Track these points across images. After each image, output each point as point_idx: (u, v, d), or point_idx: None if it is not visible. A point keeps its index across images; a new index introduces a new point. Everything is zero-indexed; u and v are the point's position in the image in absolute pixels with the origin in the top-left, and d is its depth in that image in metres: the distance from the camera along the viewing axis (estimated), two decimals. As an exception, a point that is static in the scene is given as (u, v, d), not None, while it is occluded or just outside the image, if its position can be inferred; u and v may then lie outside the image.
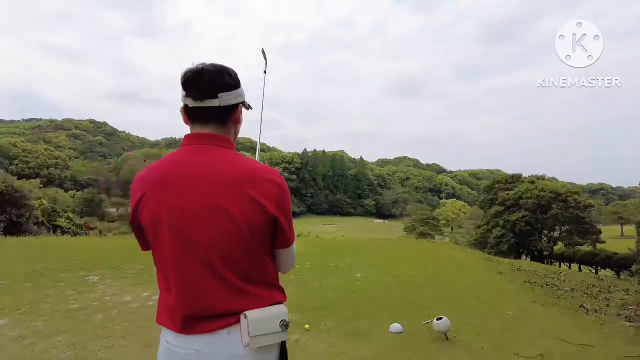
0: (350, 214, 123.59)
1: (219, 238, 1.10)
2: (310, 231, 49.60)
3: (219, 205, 1.10)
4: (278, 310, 1.18)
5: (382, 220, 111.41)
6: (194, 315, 1.13)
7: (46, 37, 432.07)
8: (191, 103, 1.20)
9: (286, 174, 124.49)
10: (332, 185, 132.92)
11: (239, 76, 1.27)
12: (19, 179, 24.14)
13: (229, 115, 1.25)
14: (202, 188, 1.12)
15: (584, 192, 39.67)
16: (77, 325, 4.54)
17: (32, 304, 5.31)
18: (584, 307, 6.12)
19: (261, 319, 1.12)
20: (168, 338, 1.18)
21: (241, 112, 1.31)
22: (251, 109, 1.37)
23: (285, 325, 1.16)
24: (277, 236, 1.22)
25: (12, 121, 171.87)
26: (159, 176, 1.17)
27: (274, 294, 1.22)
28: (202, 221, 1.10)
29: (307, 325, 4.52)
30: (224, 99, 1.20)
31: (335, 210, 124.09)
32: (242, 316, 1.12)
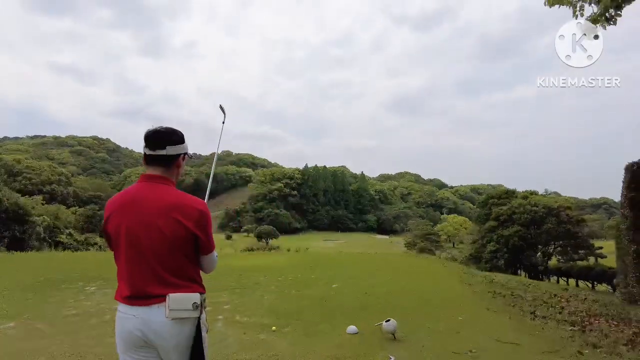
0: (351, 230, 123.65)
1: (155, 246, 1.78)
2: (310, 247, 49.91)
3: (157, 224, 1.78)
4: (192, 296, 1.82)
5: (385, 236, 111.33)
6: (136, 295, 1.79)
7: (53, 56, 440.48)
8: (147, 152, 1.89)
9: (287, 190, 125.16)
10: (333, 200, 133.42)
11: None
12: (22, 195, 24.84)
13: (173, 162, 1.94)
14: (147, 212, 1.80)
15: (586, 207, 40.17)
16: (74, 327, 5.21)
17: (35, 311, 5.99)
18: (534, 313, 6.72)
19: (178, 300, 1.78)
20: (120, 308, 1.86)
21: (183, 159, 2.01)
22: (191, 158, 2.12)
23: (196, 306, 1.81)
24: (199, 246, 1.89)
25: (17, 138, 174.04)
26: (119, 202, 1.87)
27: (193, 286, 1.87)
28: (145, 235, 1.78)
29: (274, 327, 5.18)
30: (170, 150, 1.89)
31: (337, 226, 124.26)
32: (167, 297, 1.77)
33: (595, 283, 33.72)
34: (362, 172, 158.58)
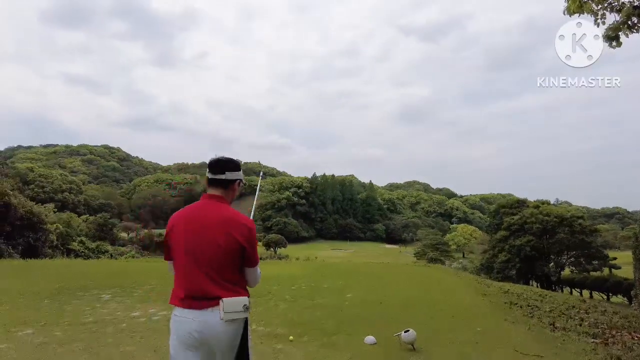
0: (360, 239, 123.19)
1: (211, 256, 2.05)
2: (318, 256, 49.81)
3: (214, 237, 2.06)
4: (242, 299, 2.06)
5: (394, 246, 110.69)
6: (193, 299, 2.04)
7: (66, 67, 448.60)
8: (210, 175, 2.25)
9: (296, 199, 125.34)
10: (341, 209, 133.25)
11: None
12: (34, 203, 25.18)
13: (230, 186, 2.28)
14: (205, 225, 2.09)
15: (599, 217, 39.58)
16: (91, 335, 5.22)
17: (52, 318, 6.01)
18: (553, 325, 6.59)
19: (231, 303, 2.01)
20: (175, 312, 2.11)
21: (238, 185, 2.33)
22: (245, 185, 2.51)
23: (246, 307, 2.06)
24: (245, 258, 2.15)
25: (30, 147, 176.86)
26: (183, 215, 2.19)
27: (241, 291, 2.13)
28: (203, 245, 2.06)
29: (291, 337, 5.13)
30: (228, 175, 2.24)
31: (345, 235, 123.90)
32: (220, 301, 2.00)
33: (610, 294, 33.12)
34: (371, 181, 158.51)
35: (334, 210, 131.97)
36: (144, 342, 4.92)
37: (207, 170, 2.27)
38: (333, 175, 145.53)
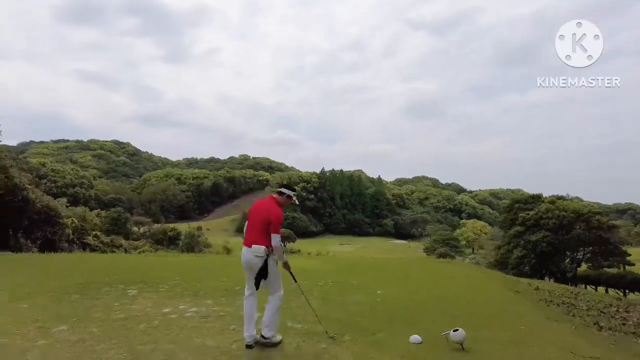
0: (368, 234, 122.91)
1: (257, 224, 4.42)
2: (328, 251, 49.70)
3: (260, 215, 4.42)
4: (262, 247, 4.32)
5: (403, 241, 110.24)
6: (247, 243, 4.44)
7: (77, 64, 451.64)
8: (276, 187, 4.81)
9: (304, 194, 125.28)
10: (350, 204, 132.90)
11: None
12: (49, 198, 25.24)
13: (283, 196, 4.62)
14: (259, 210, 4.52)
15: (611, 213, 38.90)
16: (126, 332, 5.07)
17: (84, 314, 5.88)
18: (598, 324, 6.34)
19: (257, 248, 4.34)
20: (243, 249, 4.53)
21: (287, 198, 4.64)
22: (297, 205, 5.17)
23: (265, 252, 4.32)
24: (270, 228, 4.32)
25: (42, 142, 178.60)
26: (255, 204, 4.71)
27: (266, 244, 4.33)
28: (256, 219, 4.46)
29: (333, 335, 4.93)
30: (283, 190, 4.64)
31: (353, 230, 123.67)
32: (254, 245, 4.35)
33: (627, 291, 32.58)
34: (379, 176, 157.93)
35: (343, 205, 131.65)
36: (181, 340, 4.76)
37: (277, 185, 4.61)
38: (341, 171, 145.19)
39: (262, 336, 4.57)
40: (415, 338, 4.95)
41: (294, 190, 4.64)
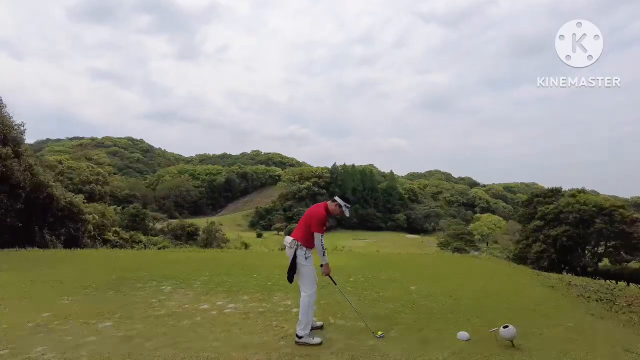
0: (380, 229, 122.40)
1: (301, 222, 4.77)
2: (344, 246, 49.67)
3: (306, 215, 4.77)
4: (295, 240, 4.68)
5: (416, 235, 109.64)
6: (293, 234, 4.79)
7: (91, 62, 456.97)
8: (329, 198, 5.02)
9: (316, 189, 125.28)
10: (362, 199, 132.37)
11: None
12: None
13: (334, 203, 4.81)
14: (309, 210, 4.83)
15: (628, 206, 38.04)
16: (170, 329, 5.07)
17: (124, 310, 5.92)
18: (644, 321, 6.17)
19: (290, 240, 4.74)
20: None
21: (337, 206, 4.81)
22: (343, 212, 4.83)
23: (295, 244, 4.66)
24: (312, 225, 4.61)
25: (58, 140, 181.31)
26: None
27: (300, 239, 4.68)
28: (303, 216, 4.79)
29: (380, 332, 4.87)
30: (336, 199, 4.84)
31: (365, 224, 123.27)
32: (293, 239, 4.73)
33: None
34: (391, 170, 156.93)
35: (355, 200, 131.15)
36: (227, 337, 4.75)
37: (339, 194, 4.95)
38: (353, 165, 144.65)
39: (296, 334, 4.55)
40: (463, 334, 4.86)
41: (347, 202, 4.84)
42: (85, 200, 29.32)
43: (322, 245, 4.63)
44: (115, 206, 54.51)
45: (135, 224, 36.70)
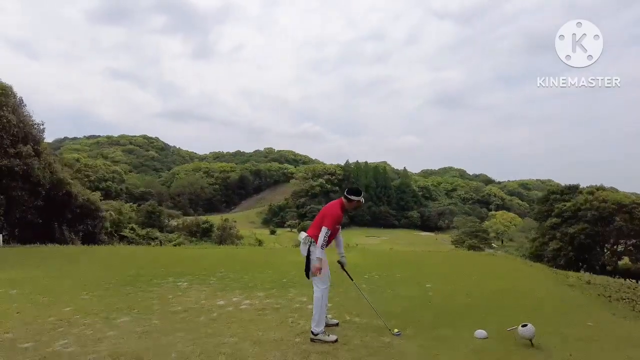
0: (393, 226, 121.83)
1: (317, 218, 4.72)
2: (357, 243, 49.57)
3: (323, 211, 4.72)
4: (307, 237, 4.64)
5: (430, 233, 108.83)
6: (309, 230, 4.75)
7: (108, 62, 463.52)
8: (346, 192, 4.82)
9: (329, 186, 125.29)
10: (375, 196, 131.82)
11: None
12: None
13: (348, 200, 4.74)
14: (325, 207, 4.83)
15: None
16: (187, 325, 5.13)
17: (142, 306, 6.01)
18: (668, 321, 6.02)
19: (304, 236, 4.70)
20: None
21: (352, 202, 4.74)
22: (359, 201, 4.80)
23: (308, 240, 4.62)
24: (324, 221, 4.53)
25: (75, 139, 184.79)
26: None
27: (313, 234, 4.58)
28: (319, 214, 4.73)
29: (396, 329, 4.85)
30: (349, 196, 4.73)
31: (379, 222, 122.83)
32: (307, 235, 4.68)
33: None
34: (405, 167, 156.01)
35: (368, 197, 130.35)
36: (243, 333, 4.77)
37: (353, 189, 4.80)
38: (366, 163, 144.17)
39: (311, 331, 4.54)
40: (480, 333, 4.80)
41: (357, 193, 4.77)
42: (102, 198, 29.90)
43: (324, 239, 4.49)
44: (131, 203, 55.43)
45: (150, 221, 37.19)
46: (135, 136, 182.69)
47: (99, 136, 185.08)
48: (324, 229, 4.49)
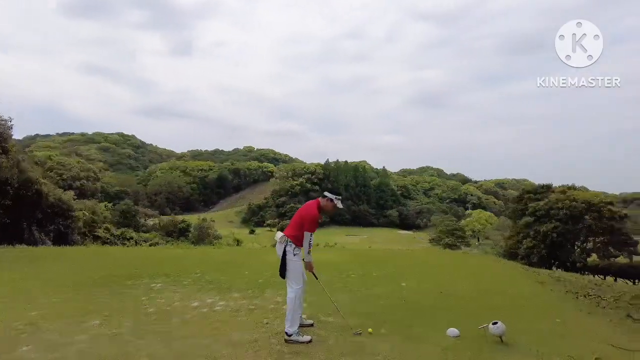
0: (373, 225, 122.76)
1: (294, 219, 4.79)
2: (336, 242, 49.70)
3: (298, 213, 4.79)
4: (284, 236, 4.67)
5: (409, 232, 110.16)
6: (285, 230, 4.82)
7: (82, 57, 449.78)
8: (320, 195, 4.99)
9: (309, 185, 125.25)
10: (354, 195, 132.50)
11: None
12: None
13: (325, 199, 4.81)
14: (302, 207, 4.85)
15: (616, 203, 38.53)
16: (160, 327, 5.04)
17: (114, 308, 5.87)
18: (631, 317, 6.26)
19: (280, 235, 4.73)
20: None
21: (328, 201, 4.80)
22: (336, 205, 4.84)
23: (284, 240, 4.65)
24: (304, 225, 4.58)
25: (47, 136, 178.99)
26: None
27: (291, 235, 4.64)
28: (296, 214, 4.81)
29: (370, 329, 4.89)
30: (325, 194, 4.88)
31: (358, 221, 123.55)
32: (283, 234, 4.72)
33: (637, 281, 32.43)
34: (384, 166, 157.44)
35: (347, 196, 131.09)
36: (217, 335, 4.72)
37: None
38: (346, 162, 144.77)
39: (285, 332, 4.53)
40: (452, 331, 4.89)
41: (336, 194, 4.83)
42: (76, 197, 29.06)
43: (309, 244, 4.63)
44: (106, 202, 54.05)
45: (126, 221, 36.40)
46: (110, 133, 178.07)
47: (73, 133, 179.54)
48: (307, 235, 4.55)
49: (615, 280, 33.33)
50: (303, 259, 4.73)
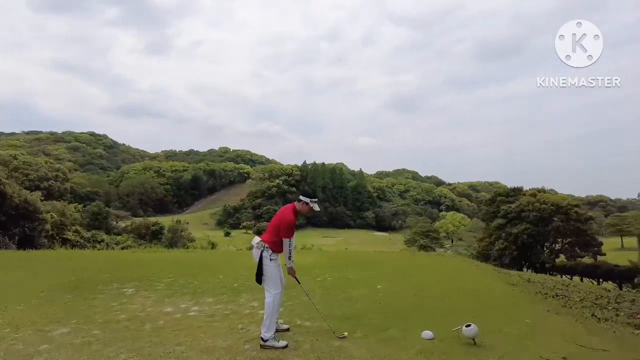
0: (349, 227, 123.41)
1: (271, 224, 4.73)
2: (313, 244, 49.73)
3: (277, 217, 4.73)
4: (262, 242, 4.62)
5: (385, 233, 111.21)
6: (259, 237, 4.77)
7: (52, 54, 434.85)
8: (296, 198, 4.94)
9: (286, 187, 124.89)
10: (331, 197, 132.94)
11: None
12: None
13: (301, 203, 4.77)
14: (279, 212, 4.81)
15: (583, 205, 40.08)
16: (131, 333, 4.91)
17: (83, 315, 5.68)
18: (595, 316, 6.50)
19: (258, 241, 4.70)
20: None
21: (304, 204, 4.76)
22: (313, 208, 4.80)
23: (261, 246, 4.61)
24: (281, 230, 4.57)
25: (12, 134, 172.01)
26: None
27: (268, 241, 4.61)
28: (272, 220, 4.77)
29: (345, 333, 4.89)
30: (300, 198, 4.79)
31: (335, 222, 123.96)
32: (260, 239, 4.69)
33: (601, 280, 33.77)
34: (360, 168, 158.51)
35: (324, 198, 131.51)
36: (191, 341, 4.63)
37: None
38: (323, 163, 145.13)
39: (261, 337, 4.49)
40: (427, 334, 4.95)
41: (311, 197, 4.77)
42: (43, 198, 28.04)
43: (290, 250, 4.64)
44: (76, 204, 52.35)
45: (97, 223, 35.28)
46: (81, 133, 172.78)
47: (41, 132, 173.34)
48: (285, 241, 4.58)
49: (582, 279, 34.64)
50: (285, 264, 4.75)
